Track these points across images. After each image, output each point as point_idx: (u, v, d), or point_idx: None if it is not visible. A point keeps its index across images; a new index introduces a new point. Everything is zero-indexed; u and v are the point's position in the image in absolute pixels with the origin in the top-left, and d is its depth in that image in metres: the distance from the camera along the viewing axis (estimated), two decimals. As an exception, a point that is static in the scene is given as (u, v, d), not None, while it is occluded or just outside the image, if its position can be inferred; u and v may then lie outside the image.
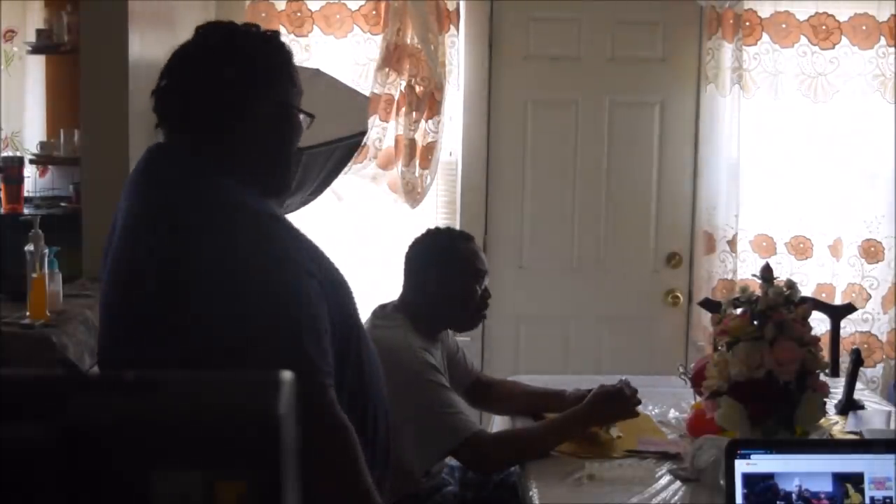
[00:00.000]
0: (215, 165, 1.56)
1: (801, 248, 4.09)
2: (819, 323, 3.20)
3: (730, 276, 4.04)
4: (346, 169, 3.62)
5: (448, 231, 2.94)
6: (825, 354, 2.52)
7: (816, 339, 2.31)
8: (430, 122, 3.91)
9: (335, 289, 1.58)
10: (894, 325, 4.07)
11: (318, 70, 3.65)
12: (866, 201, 4.04)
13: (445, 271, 2.66)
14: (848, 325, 3.90)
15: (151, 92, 1.61)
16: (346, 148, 3.44)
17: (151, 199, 1.56)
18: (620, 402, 2.57)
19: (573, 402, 2.64)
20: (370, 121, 3.79)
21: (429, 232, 2.79)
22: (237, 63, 1.58)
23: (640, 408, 2.82)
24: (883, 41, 3.95)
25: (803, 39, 3.98)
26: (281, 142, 1.63)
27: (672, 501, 2.24)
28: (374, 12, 3.93)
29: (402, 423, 2.47)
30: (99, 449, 0.63)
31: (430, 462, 2.56)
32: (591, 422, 2.57)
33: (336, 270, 1.63)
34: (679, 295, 4.16)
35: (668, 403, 2.89)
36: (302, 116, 1.65)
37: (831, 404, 2.71)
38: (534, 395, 2.90)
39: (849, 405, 2.81)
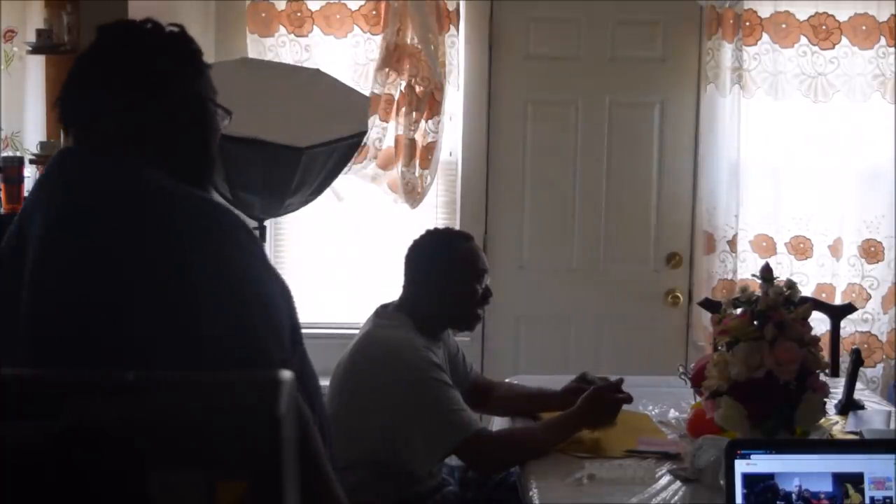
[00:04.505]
0: (134, 161, 1.52)
1: (801, 248, 4.09)
2: (819, 323, 3.20)
3: (730, 276, 4.04)
4: (346, 169, 3.62)
5: (447, 231, 2.95)
6: (825, 354, 2.52)
7: (816, 339, 2.31)
8: (430, 122, 3.91)
9: (285, 288, 1.54)
10: (894, 325, 4.07)
11: (318, 70, 3.65)
12: (866, 201, 4.04)
13: (446, 271, 2.66)
14: (848, 325, 3.90)
15: (55, 101, 1.59)
16: (346, 148, 3.44)
17: (80, 202, 1.48)
18: (610, 406, 2.59)
19: (563, 400, 2.68)
20: (370, 121, 3.79)
21: (428, 232, 2.79)
22: (139, 58, 1.56)
23: (640, 408, 2.83)
24: (883, 41, 3.95)
25: (803, 39, 3.98)
26: (196, 130, 1.60)
27: (672, 501, 2.24)
28: (374, 12, 3.93)
29: (406, 421, 2.48)
30: (99, 449, 0.63)
31: (433, 460, 2.56)
32: (588, 421, 2.58)
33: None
34: (679, 295, 4.16)
35: (668, 403, 2.89)
36: (219, 111, 1.63)
37: (831, 404, 2.71)
38: (532, 395, 2.91)
39: (849, 405, 2.81)
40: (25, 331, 1.44)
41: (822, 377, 2.28)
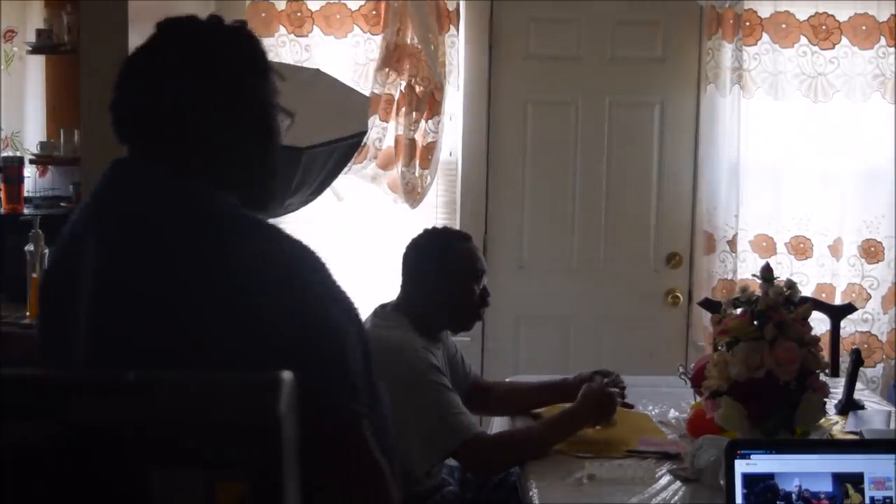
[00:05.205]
0: (199, 179, 1.38)
1: (801, 248, 4.09)
2: (819, 323, 3.21)
3: (730, 276, 4.04)
4: (346, 169, 3.62)
5: (445, 231, 2.94)
6: (825, 354, 2.52)
7: (816, 339, 2.31)
8: (430, 122, 3.91)
9: (352, 310, 1.41)
10: (894, 325, 4.07)
11: (318, 70, 3.65)
12: (866, 201, 4.04)
13: (443, 271, 2.66)
14: (848, 325, 3.90)
15: (111, 105, 1.44)
16: (346, 148, 3.43)
17: (140, 220, 1.36)
18: (609, 402, 2.58)
19: (578, 385, 2.66)
20: (370, 121, 3.79)
21: (426, 232, 2.78)
22: (209, 63, 1.41)
23: (640, 408, 2.83)
24: (883, 41, 3.95)
25: (803, 39, 3.98)
26: (268, 148, 1.46)
27: (672, 501, 2.24)
28: (374, 12, 3.93)
29: (404, 423, 2.47)
30: (99, 449, 0.63)
31: (430, 463, 2.56)
32: (587, 419, 2.58)
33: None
34: (679, 295, 4.16)
35: (668, 403, 2.89)
36: (281, 115, 1.48)
37: (831, 404, 2.71)
38: (535, 389, 2.90)
39: (849, 405, 2.81)
40: (88, 341, 1.34)
41: (822, 377, 2.28)
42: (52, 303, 1.46)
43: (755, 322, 2.26)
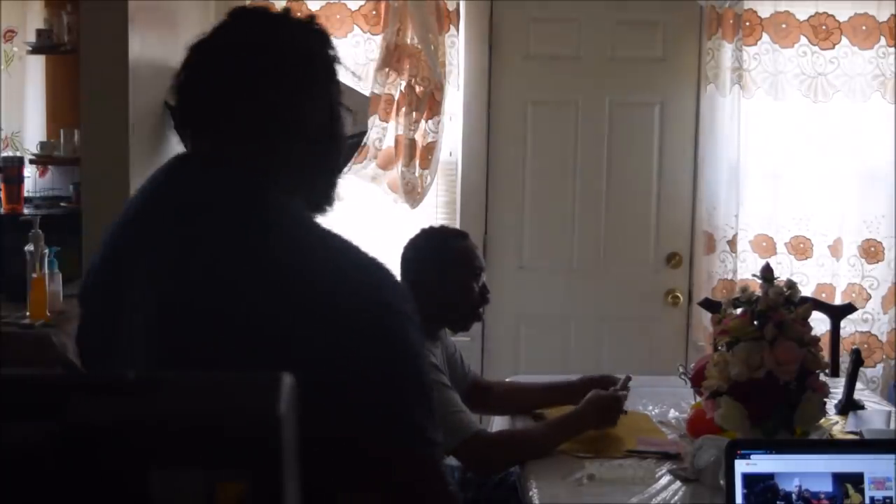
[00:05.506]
0: (270, 180, 1.30)
1: (801, 248, 4.09)
2: (819, 323, 3.20)
3: (730, 276, 4.04)
4: (346, 169, 3.62)
5: (442, 230, 2.93)
6: (825, 354, 2.52)
7: (816, 339, 2.31)
8: (430, 122, 3.91)
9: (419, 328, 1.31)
10: (894, 325, 4.07)
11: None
12: (866, 201, 4.04)
13: (441, 270, 2.66)
14: (848, 325, 3.90)
15: (177, 86, 1.33)
16: (347, 148, 3.43)
17: (217, 227, 1.26)
18: (616, 408, 2.57)
19: (583, 389, 2.65)
20: (370, 121, 3.79)
21: (423, 231, 2.78)
22: (290, 57, 1.32)
23: (640, 408, 2.83)
24: (883, 41, 3.95)
25: (803, 39, 3.98)
26: (336, 152, 1.41)
27: (672, 501, 2.24)
28: (374, 12, 3.94)
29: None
30: (99, 449, 0.63)
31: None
32: (589, 424, 2.57)
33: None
34: (679, 295, 4.16)
35: (668, 403, 2.89)
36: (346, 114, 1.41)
37: (831, 404, 2.71)
38: (537, 390, 2.90)
39: (849, 405, 2.81)
40: (153, 344, 1.25)
41: (822, 377, 2.28)
42: (108, 301, 1.34)
43: (755, 322, 2.26)
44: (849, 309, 3.71)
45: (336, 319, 1.20)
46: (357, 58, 3.95)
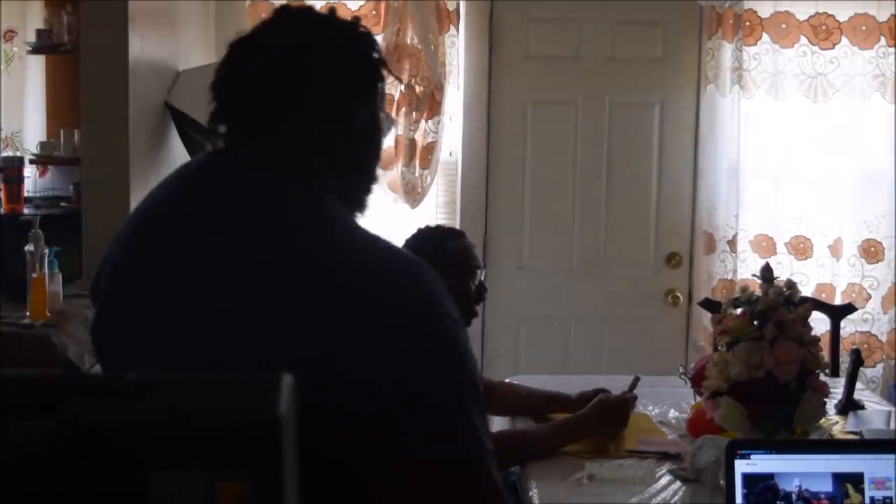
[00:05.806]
0: (316, 182, 1.28)
1: (801, 248, 4.09)
2: (819, 323, 3.20)
3: (730, 276, 4.04)
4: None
5: (438, 229, 2.92)
6: (825, 354, 2.52)
7: (816, 339, 2.31)
8: (430, 122, 3.91)
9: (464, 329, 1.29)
10: (894, 325, 4.08)
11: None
12: (866, 201, 4.05)
13: (437, 269, 2.65)
14: (848, 325, 3.90)
15: (217, 82, 1.30)
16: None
17: (268, 227, 1.23)
18: (623, 414, 2.56)
19: (579, 405, 2.64)
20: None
21: (419, 231, 2.78)
22: (339, 58, 1.30)
23: (640, 408, 2.83)
24: (883, 41, 3.95)
25: (803, 39, 3.98)
26: (375, 155, 1.39)
27: (672, 501, 2.24)
28: (374, 12, 3.94)
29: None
30: (99, 449, 0.63)
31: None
32: (593, 430, 2.56)
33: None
34: (679, 295, 4.16)
35: (668, 403, 2.89)
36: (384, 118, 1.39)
37: (831, 404, 2.71)
38: (537, 396, 2.89)
39: (849, 405, 2.81)
40: (199, 342, 1.21)
41: (822, 377, 2.28)
42: (136, 295, 1.29)
43: (755, 322, 2.26)
44: (849, 309, 3.71)
45: (390, 321, 1.18)
46: (357, 58, 3.95)
